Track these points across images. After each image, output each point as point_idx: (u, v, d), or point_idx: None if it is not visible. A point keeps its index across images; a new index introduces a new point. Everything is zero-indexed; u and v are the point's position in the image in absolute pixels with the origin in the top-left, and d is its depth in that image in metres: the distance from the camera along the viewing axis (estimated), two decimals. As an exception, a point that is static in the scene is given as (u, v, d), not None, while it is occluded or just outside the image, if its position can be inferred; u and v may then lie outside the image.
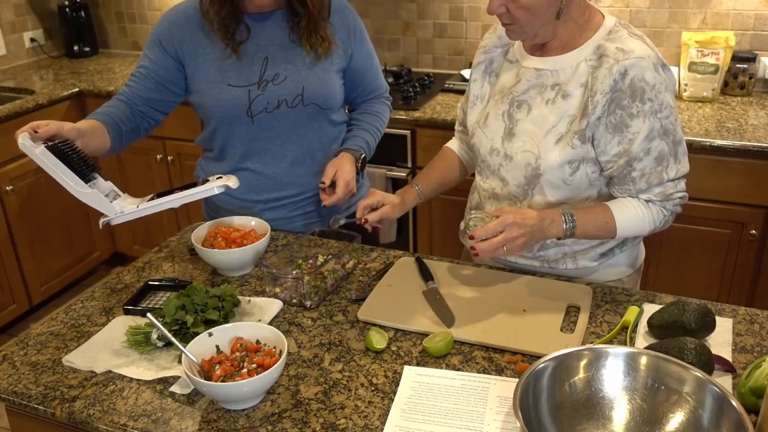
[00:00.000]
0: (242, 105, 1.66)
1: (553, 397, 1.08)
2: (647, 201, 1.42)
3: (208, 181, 1.54)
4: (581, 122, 1.38)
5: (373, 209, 1.57)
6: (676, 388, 1.06)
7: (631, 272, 1.59)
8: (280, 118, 1.69)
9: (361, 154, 1.76)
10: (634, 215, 1.41)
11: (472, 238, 1.34)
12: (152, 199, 1.52)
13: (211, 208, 1.85)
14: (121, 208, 1.51)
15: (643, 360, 1.10)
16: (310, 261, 1.56)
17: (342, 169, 1.68)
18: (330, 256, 1.54)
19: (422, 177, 1.69)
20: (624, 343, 1.29)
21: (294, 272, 1.52)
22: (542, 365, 1.08)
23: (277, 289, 1.48)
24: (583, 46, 1.40)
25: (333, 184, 1.67)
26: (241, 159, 1.74)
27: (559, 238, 1.39)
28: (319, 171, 1.73)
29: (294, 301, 1.45)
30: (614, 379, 1.10)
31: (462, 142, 1.74)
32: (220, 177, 1.54)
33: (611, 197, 1.47)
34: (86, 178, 1.50)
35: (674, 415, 1.05)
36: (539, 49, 1.46)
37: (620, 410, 1.09)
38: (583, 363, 1.11)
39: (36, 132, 1.46)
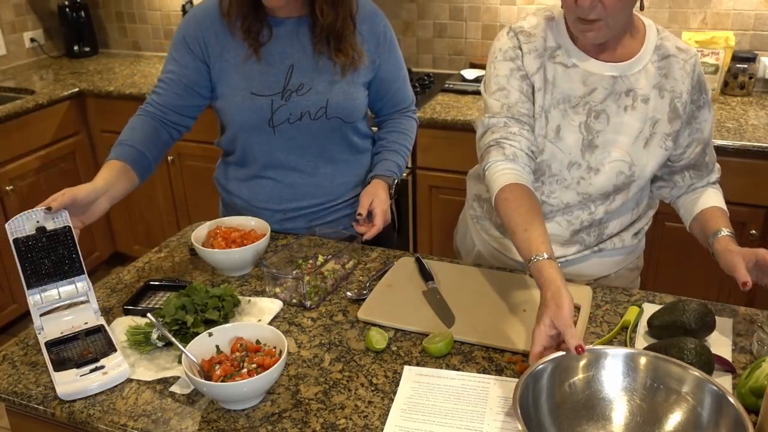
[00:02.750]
0: (264, 115, 1.62)
1: (552, 398, 1.09)
2: (714, 183, 1.55)
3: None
4: (673, 124, 1.42)
5: None
6: (676, 388, 1.07)
7: (632, 268, 1.63)
8: (302, 130, 1.64)
9: (394, 180, 1.72)
10: (723, 202, 1.52)
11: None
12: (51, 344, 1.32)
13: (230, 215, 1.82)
14: (45, 335, 1.34)
15: (642, 360, 1.10)
16: (310, 261, 1.56)
17: (377, 198, 1.64)
18: (330, 256, 1.54)
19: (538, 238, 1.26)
20: (624, 343, 1.30)
21: (294, 272, 1.52)
22: (541, 366, 1.08)
23: (277, 289, 1.48)
24: (643, 49, 1.40)
25: (369, 213, 1.64)
26: (262, 168, 1.70)
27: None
28: (341, 182, 1.73)
29: (294, 301, 1.45)
30: (613, 379, 1.11)
31: (526, 155, 1.41)
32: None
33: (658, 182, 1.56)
34: (42, 281, 1.34)
35: (673, 415, 1.06)
36: (596, 51, 1.39)
37: (620, 410, 1.10)
38: (582, 363, 1.11)
39: (50, 209, 1.34)
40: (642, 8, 1.36)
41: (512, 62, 1.42)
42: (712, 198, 1.51)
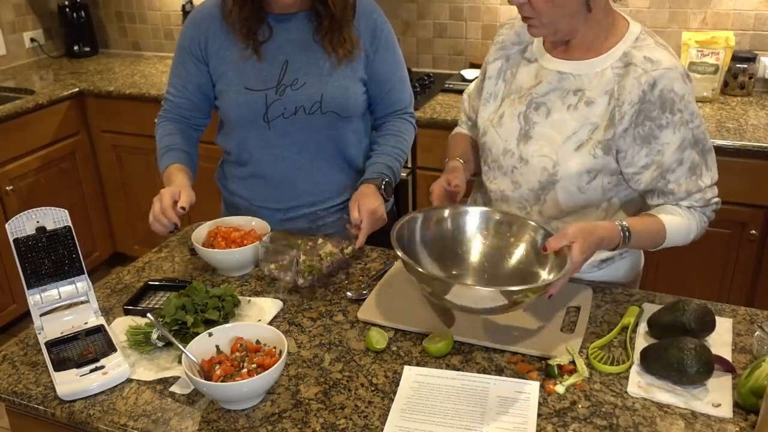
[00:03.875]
0: (258, 110, 1.63)
1: (424, 235, 1.42)
2: (689, 207, 1.40)
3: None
4: (606, 132, 1.35)
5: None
6: (517, 231, 1.42)
7: (630, 279, 1.58)
8: (297, 125, 1.65)
9: (383, 180, 1.67)
10: (681, 223, 1.39)
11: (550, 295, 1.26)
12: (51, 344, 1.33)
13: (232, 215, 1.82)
14: (45, 335, 1.34)
15: (496, 215, 1.46)
16: (309, 243, 1.55)
17: (363, 200, 1.59)
18: (327, 239, 1.55)
19: (459, 153, 1.60)
20: (624, 344, 1.30)
21: (292, 251, 1.52)
22: (412, 216, 1.41)
23: (272, 266, 1.47)
24: (609, 53, 1.36)
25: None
26: (258, 165, 1.71)
27: (611, 250, 1.36)
28: (339, 180, 1.73)
29: (287, 278, 1.45)
30: (472, 225, 1.45)
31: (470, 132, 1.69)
32: None
33: (621, 208, 1.46)
34: (42, 281, 1.35)
35: (517, 247, 1.42)
36: (561, 50, 1.42)
37: (476, 244, 1.45)
38: (446, 213, 1.45)
39: (184, 208, 1.52)
40: (589, 10, 1.33)
41: (500, 51, 1.56)
42: (668, 210, 1.40)
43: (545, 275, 1.32)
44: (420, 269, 1.23)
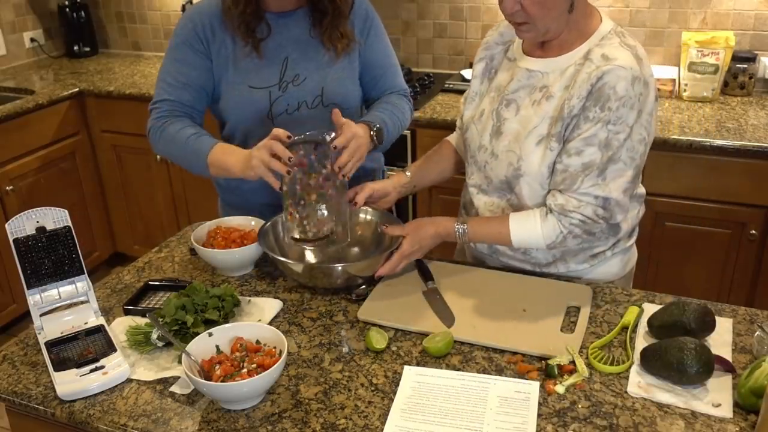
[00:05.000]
0: (263, 107, 1.64)
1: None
2: (548, 212, 1.40)
3: None
4: (557, 125, 1.37)
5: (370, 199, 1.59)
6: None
7: (622, 275, 1.59)
8: (301, 120, 1.66)
9: (375, 124, 1.62)
10: (529, 229, 1.41)
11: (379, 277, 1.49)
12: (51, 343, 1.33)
13: (229, 214, 1.81)
14: (45, 335, 1.33)
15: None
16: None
17: (354, 132, 1.51)
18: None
19: (415, 164, 1.71)
20: (624, 344, 1.30)
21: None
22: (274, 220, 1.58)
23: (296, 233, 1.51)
24: (576, 50, 1.39)
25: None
26: None
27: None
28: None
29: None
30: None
31: (460, 137, 1.72)
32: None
33: None
34: (42, 281, 1.35)
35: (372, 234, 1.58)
36: (539, 49, 1.45)
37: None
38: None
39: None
40: (571, 11, 1.34)
41: (484, 51, 1.60)
42: (524, 214, 1.43)
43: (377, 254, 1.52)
44: (279, 257, 1.46)
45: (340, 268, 1.45)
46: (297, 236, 1.51)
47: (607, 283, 1.53)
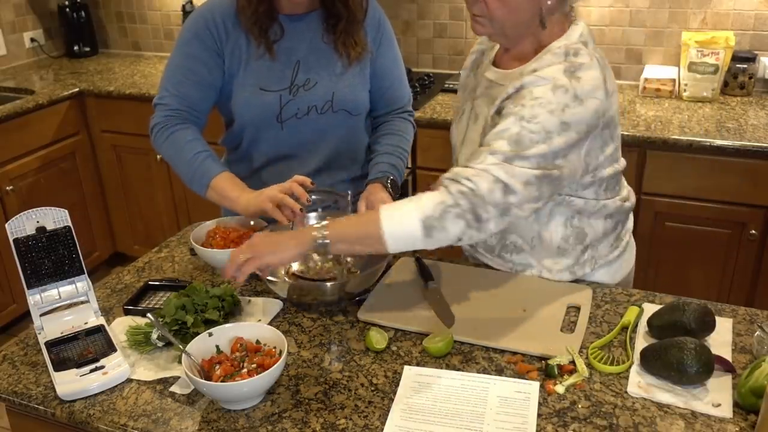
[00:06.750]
0: (273, 110, 1.63)
1: None
2: (437, 187, 1.27)
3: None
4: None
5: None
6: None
7: (624, 276, 1.57)
8: (310, 124, 1.66)
9: (388, 178, 1.66)
10: (403, 205, 1.25)
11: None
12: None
13: (230, 214, 1.80)
14: (45, 335, 1.34)
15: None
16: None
17: (371, 197, 1.58)
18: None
19: None
20: (624, 344, 1.30)
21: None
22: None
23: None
24: (526, 65, 1.35)
25: None
26: (265, 163, 1.71)
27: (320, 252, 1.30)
28: (347, 179, 1.72)
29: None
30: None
31: None
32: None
33: (552, 214, 1.43)
34: (42, 281, 1.35)
35: None
36: (503, 60, 1.44)
37: None
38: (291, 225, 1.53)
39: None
40: (544, 27, 1.32)
41: (477, 46, 1.61)
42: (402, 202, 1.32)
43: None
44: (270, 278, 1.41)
45: (329, 285, 1.43)
46: (297, 272, 1.50)
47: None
